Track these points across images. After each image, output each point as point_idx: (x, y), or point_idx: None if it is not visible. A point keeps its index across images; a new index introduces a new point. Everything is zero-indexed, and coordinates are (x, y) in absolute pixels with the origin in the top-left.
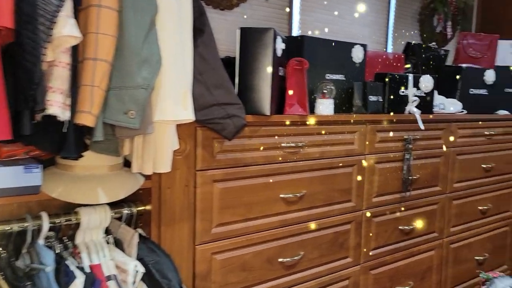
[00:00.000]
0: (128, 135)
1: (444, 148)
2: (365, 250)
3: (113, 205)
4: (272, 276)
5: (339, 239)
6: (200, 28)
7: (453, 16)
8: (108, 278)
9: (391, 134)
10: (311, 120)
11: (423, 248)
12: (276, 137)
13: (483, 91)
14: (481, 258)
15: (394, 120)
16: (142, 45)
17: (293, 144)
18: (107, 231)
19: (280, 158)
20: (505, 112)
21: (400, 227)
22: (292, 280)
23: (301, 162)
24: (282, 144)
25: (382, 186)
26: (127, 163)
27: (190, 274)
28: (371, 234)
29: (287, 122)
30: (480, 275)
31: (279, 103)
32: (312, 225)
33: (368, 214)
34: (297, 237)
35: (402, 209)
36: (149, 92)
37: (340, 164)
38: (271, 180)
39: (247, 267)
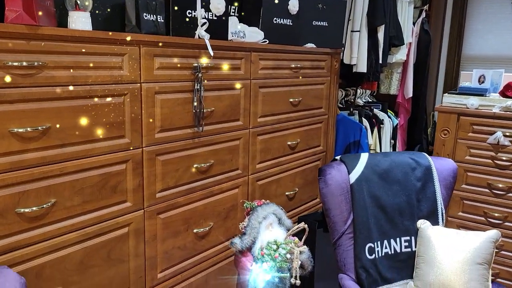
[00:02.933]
0: None
1: (244, 80)
2: (149, 192)
3: None
4: (7, 232)
5: (110, 181)
6: None
7: None
8: None
9: (174, 60)
10: (48, 33)
11: (226, 187)
12: None
13: (287, 21)
14: (292, 192)
15: (178, 43)
16: None
17: (25, 64)
18: None
19: (6, 81)
20: (312, 45)
21: (195, 165)
22: (42, 233)
23: (40, 88)
24: (9, 63)
25: (167, 120)
26: None
27: None
28: (156, 175)
29: (11, 33)
30: (244, 204)
31: None
32: (67, 167)
33: (150, 151)
34: (43, 182)
35: (196, 145)
36: None
37: (103, 93)
38: None
39: None
